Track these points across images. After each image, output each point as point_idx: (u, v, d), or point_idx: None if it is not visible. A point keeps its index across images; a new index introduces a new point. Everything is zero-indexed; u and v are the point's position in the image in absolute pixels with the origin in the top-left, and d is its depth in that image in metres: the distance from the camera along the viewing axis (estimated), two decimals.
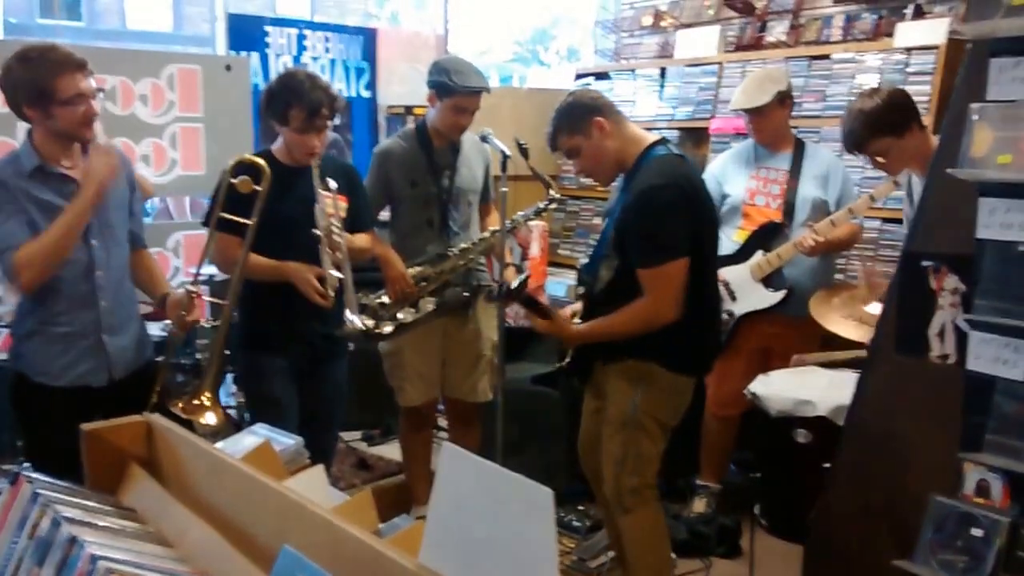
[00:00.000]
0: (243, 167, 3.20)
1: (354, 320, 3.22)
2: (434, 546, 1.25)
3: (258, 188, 3.15)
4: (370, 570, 1.29)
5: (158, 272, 3.35)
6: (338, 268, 3.22)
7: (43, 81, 2.81)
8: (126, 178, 3.14)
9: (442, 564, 1.23)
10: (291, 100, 3.29)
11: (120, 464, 1.84)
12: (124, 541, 1.55)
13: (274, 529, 1.46)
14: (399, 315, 3.81)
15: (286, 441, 1.94)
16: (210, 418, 2.96)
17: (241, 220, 3.17)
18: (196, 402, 3.01)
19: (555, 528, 1.11)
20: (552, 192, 3.95)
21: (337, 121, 3.49)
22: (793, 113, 4.35)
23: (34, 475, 1.69)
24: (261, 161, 3.19)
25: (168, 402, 2.98)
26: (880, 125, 3.37)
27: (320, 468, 1.84)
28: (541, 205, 3.99)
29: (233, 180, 3.15)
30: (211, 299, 3.26)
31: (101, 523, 1.59)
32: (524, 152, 3.69)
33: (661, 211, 2.95)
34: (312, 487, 1.69)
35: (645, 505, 3.17)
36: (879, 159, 3.47)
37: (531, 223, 4.12)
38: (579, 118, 3.11)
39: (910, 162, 3.41)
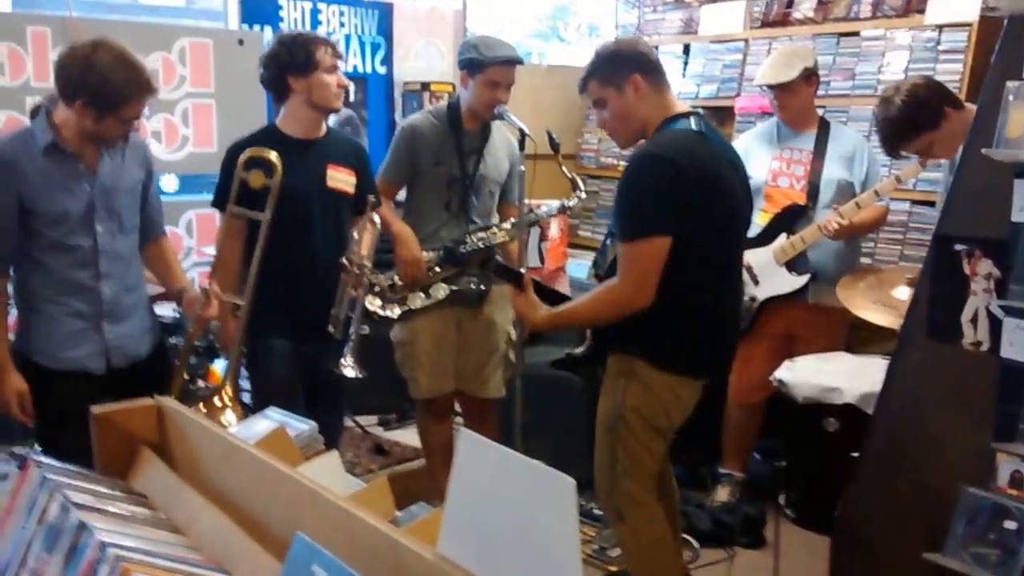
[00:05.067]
0: (254, 161, 3.14)
1: (349, 366, 3.23)
2: (452, 535, 1.21)
3: (269, 182, 3.10)
4: (387, 559, 1.25)
5: (175, 264, 3.31)
6: (351, 305, 3.22)
7: (119, 97, 2.79)
8: (141, 163, 3.11)
9: (461, 554, 1.19)
10: (312, 43, 3.30)
11: (131, 448, 1.81)
12: (134, 527, 1.51)
13: (288, 516, 1.43)
14: (408, 300, 3.75)
15: (300, 426, 1.90)
16: (229, 417, 2.94)
17: (253, 214, 3.14)
18: (215, 402, 2.99)
19: (577, 518, 1.06)
20: (579, 192, 3.84)
21: (352, 97, 3.44)
22: (821, 92, 4.28)
23: (43, 459, 1.66)
24: (273, 155, 3.13)
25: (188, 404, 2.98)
26: (909, 129, 3.31)
27: (335, 454, 1.80)
28: (567, 203, 3.89)
29: (244, 175, 3.11)
30: (227, 298, 3.21)
31: (111, 509, 1.55)
32: (555, 147, 3.61)
33: (644, 183, 2.73)
34: (327, 473, 1.65)
35: (642, 509, 2.97)
36: (924, 154, 3.42)
37: (551, 203, 4.02)
38: (617, 69, 2.87)
39: (958, 142, 3.33)
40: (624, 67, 2.87)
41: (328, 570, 1.21)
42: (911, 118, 3.28)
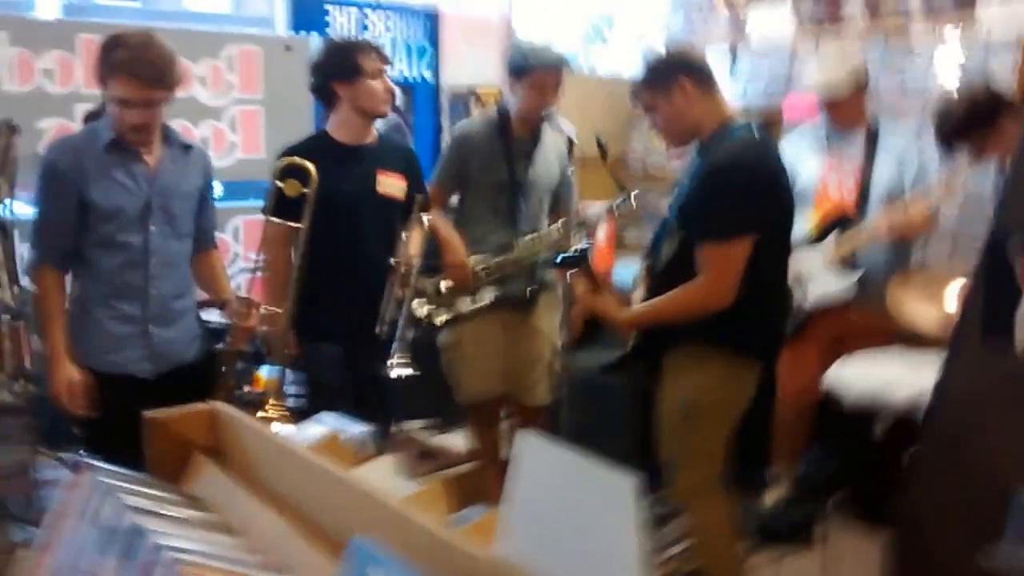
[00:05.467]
0: (291, 170, 3.16)
1: (398, 366, 3.19)
2: (510, 537, 1.20)
3: (306, 191, 3.11)
4: (444, 562, 1.24)
5: (222, 277, 3.35)
6: (399, 305, 3.21)
7: (105, 75, 2.84)
8: (201, 171, 3.15)
9: (520, 555, 1.17)
10: (357, 49, 3.34)
11: (183, 452, 1.80)
12: (189, 530, 1.51)
13: (344, 519, 1.42)
14: (456, 304, 3.74)
15: (355, 429, 1.90)
16: (277, 427, 2.95)
17: (293, 224, 3.14)
18: (261, 415, 3.00)
19: (638, 518, 1.05)
20: (629, 197, 3.81)
21: (399, 103, 3.47)
22: (870, 94, 4.23)
23: (97, 463, 1.66)
24: (308, 164, 3.14)
25: None
26: (964, 134, 3.36)
27: (389, 457, 1.80)
28: (613, 205, 3.87)
29: (280, 184, 3.13)
30: (268, 308, 3.22)
31: (166, 512, 1.55)
32: (603, 151, 3.61)
33: (739, 188, 2.85)
34: (382, 476, 1.65)
35: (710, 499, 3.07)
36: (979, 154, 3.45)
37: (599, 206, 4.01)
38: (665, 75, 2.98)
39: (1012, 145, 3.32)
40: (671, 72, 2.98)
41: (386, 571, 1.21)
42: (967, 127, 3.32)
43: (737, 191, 2.85)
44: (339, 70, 3.34)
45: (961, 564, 2.45)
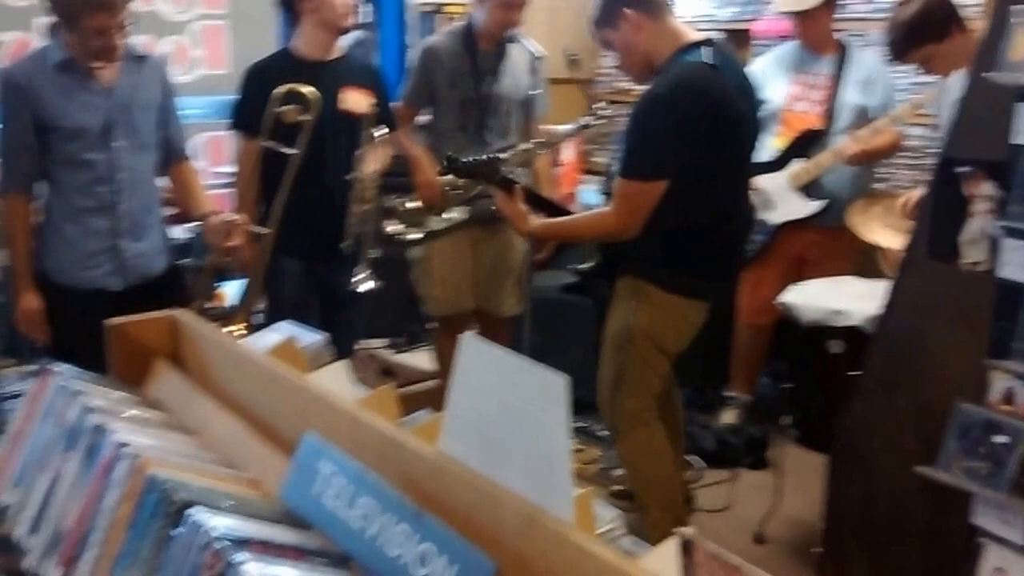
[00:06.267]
0: (291, 96, 3.18)
1: (363, 279, 3.24)
2: (453, 435, 1.26)
3: (304, 118, 3.13)
4: (390, 458, 1.31)
5: (199, 188, 3.32)
6: (361, 221, 3.26)
7: (70, 10, 2.81)
8: (159, 81, 3.14)
9: (461, 451, 1.24)
10: None
11: (145, 359, 1.86)
12: (149, 429, 1.57)
13: (297, 420, 1.48)
14: (427, 222, 3.78)
15: (310, 338, 1.95)
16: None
17: (286, 149, 3.17)
18: (229, 330, 3.04)
19: (569, 415, 1.10)
20: (598, 111, 3.82)
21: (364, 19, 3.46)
22: (839, 15, 4.23)
23: (61, 367, 1.71)
24: (311, 90, 3.16)
25: None
26: (919, 34, 3.33)
27: (343, 364, 1.84)
28: (583, 122, 3.88)
29: (280, 109, 3.16)
30: (256, 228, 3.24)
31: (127, 413, 1.61)
32: (575, 63, 3.62)
33: (648, 125, 2.79)
34: (335, 382, 1.69)
35: (643, 427, 3.09)
36: (925, 66, 3.44)
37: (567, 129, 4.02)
38: (609, 9, 2.91)
39: (957, 64, 3.34)
40: (615, 6, 2.90)
41: (335, 465, 1.28)
42: (923, 26, 3.31)
43: (655, 131, 2.78)
44: None
45: (903, 474, 2.53)
